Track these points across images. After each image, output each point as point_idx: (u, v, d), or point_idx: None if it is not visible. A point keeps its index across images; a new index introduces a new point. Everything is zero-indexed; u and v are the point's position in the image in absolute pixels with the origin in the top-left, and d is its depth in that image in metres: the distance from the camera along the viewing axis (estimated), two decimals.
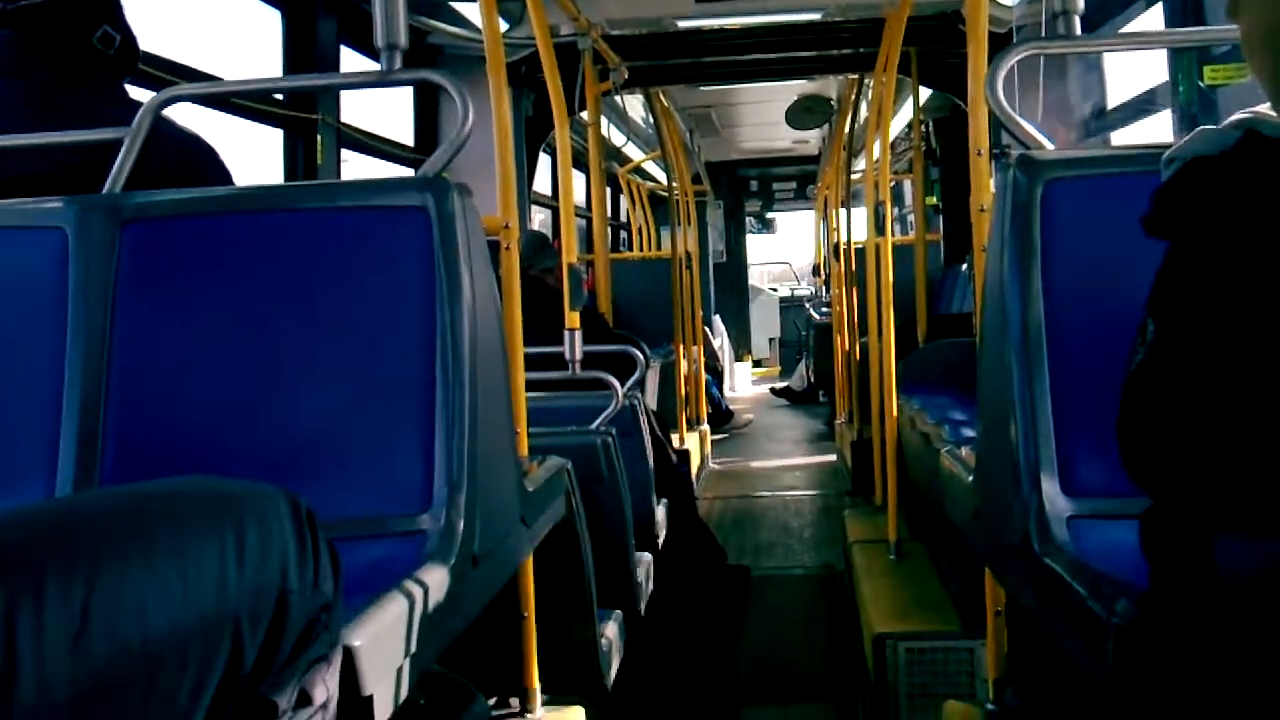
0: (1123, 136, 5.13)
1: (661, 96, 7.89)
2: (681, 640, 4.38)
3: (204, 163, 2.22)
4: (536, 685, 2.44)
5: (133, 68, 2.26)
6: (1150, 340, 1.36)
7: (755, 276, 16.77)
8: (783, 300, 15.95)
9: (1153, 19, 4.49)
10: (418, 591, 1.59)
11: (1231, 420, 1.27)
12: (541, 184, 7.90)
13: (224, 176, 2.22)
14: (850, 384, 7.05)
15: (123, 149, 2.07)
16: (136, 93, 2.30)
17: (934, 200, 8.90)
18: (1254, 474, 1.23)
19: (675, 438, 6.61)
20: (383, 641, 1.44)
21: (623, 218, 12.55)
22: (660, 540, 4.11)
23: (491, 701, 2.30)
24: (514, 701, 2.46)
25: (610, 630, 2.95)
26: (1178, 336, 1.33)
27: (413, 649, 1.54)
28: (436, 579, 1.67)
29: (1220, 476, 1.27)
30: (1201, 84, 3.97)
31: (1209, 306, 1.31)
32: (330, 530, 1.26)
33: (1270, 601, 1.19)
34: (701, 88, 9.01)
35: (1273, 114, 1.38)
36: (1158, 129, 4.68)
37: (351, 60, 4.84)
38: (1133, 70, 5.02)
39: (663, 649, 4.22)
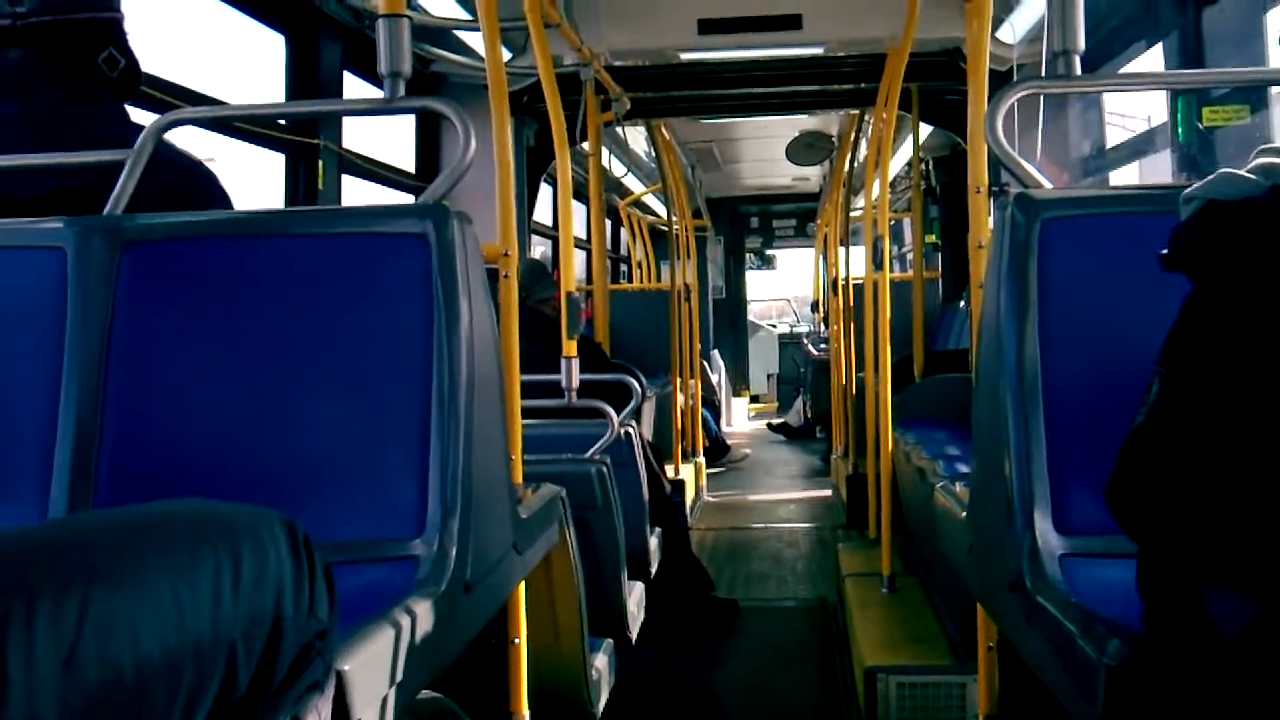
0: (1121, 176, 5.15)
1: (663, 130, 7.92)
2: (671, 669, 4.37)
3: (204, 187, 2.22)
4: (526, 712, 2.43)
5: (135, 90, 2.26)
6: (1153, 401, 1.36)
7: (754, 312, 16.78)
8: (781, 337, 15.98)
9: (1153, 60, 4.52)
10: (409, 617, 1.59)
11: (1239, 485, 1.27)
12: (543, 214, 7.93)
13: (224, 201, 2.23)
14: (847, 418, 7.05)
15: (124, 171, 2.08)
16: (139, 116, 2.31)
17: (933, 238, 8.93)
18: (1257, 541, 1.23)
19: (670, 469, 6.61)
20: (374, 667, 1.44)
21: (623, 251, 12.57)
22: (653, 570, 4.10)
23: None
24: None
25: (601, 658, 2.94)
26: (1189, 392, 1.33)
27: (404, 675, 1.54)
28: (428, 605, 1.67)
29: (1219, 542, 1.27)
30: (1200, 125, 3.99)
31: (1227, 361, 1.30)
32: (324, 554, 1.26)
33: (1263, 654, 1.20)
34: (703, 121, 9.05)
35: None
36: (1157, 169, 4.70)
37: (354, 86, 4.86)
38: (1132, 111, 5.04)
39: (653, 678, 4.20)
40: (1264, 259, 1.31)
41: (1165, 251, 1.42)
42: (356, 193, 4.94)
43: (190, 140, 2.27)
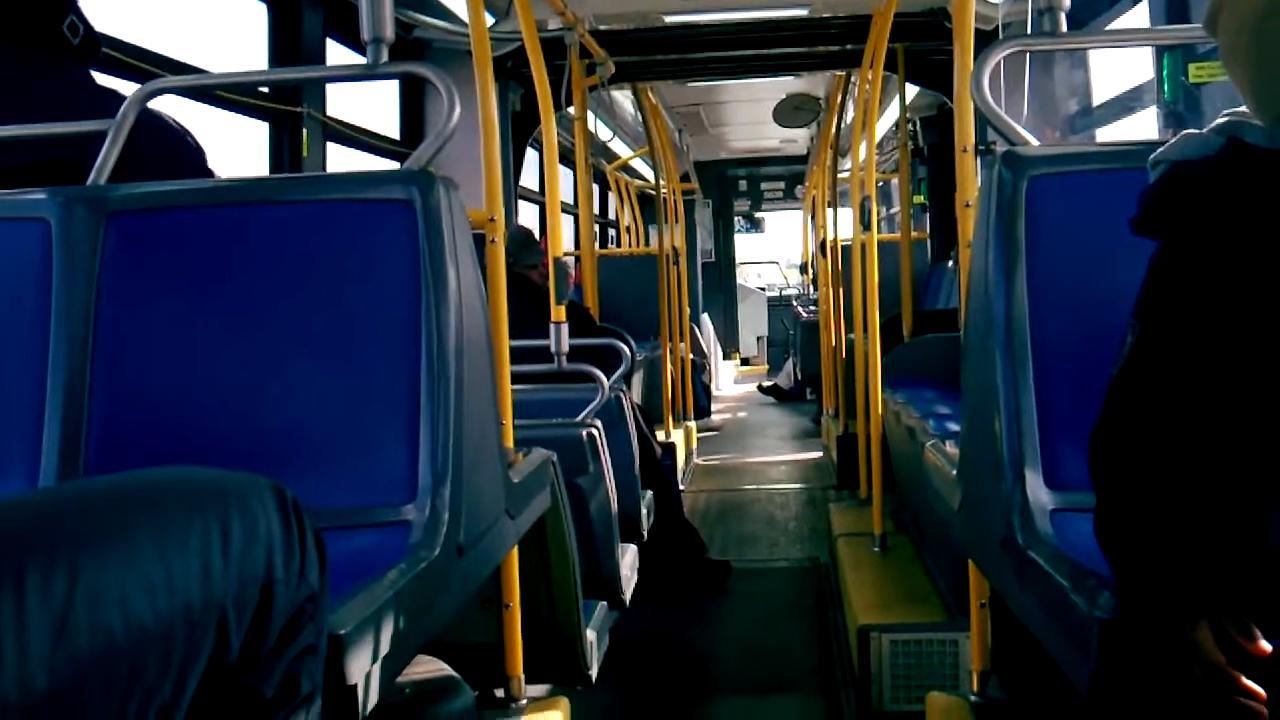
0: (1108, 133, 5.14)
1: (650, 93, 7.88)
2: (665, 631, 4.39)
3: (187, 152, 2.20)
4: (521, 674, 2.44)
5: (96, 56, 2.24)
6: (1126, 353, 1.38)
7: (742, 275, 16.74)
8: (770, 299, 15.96)
9: (1138, 16, 4.50)
10: (403, 582, 1.60)
11: (1204, 435, 1.30)
12: (529, 180, 7.90)
13: (203, 168, 2.21)
14: (837, 379, 7.06)
15: (107, 141, 2.07)
16: (121, 86, 2.29)
17: (921, 198, 8.92)
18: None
19: (660, 432, 6.62)
20: (368, 631, 1.44)
21: (611, 216, 12.54)
22: (645, 533, 4.11)
23: (476, 691, 2.30)
24: (498, 691, 2.46)
25: (595, 621, 2.95)
26: (1158, 342, 1.35)
27: (398, 639, 1.54)
28: (421, 569, 1.67)
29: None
30: (1186, 81, 3.98)
31: (1193, 311, 1.33)
32: (315, 520, 1.26)
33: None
34: (690, 85, 9.01)
35: (1254, 118, 1.39)
36: (1143, 126, 4.70)
37: (337, 53, 4.83)
38: (1118, 67, 5.03)
39: (647, 639, 4.22)
40: (1222, 213, 1.33)
41: (1134, 216, 1.43)
42: (341, 160, 4.93)
43: (173, 110, 2.25)
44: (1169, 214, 1.40)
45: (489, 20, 4.92)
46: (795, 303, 12.93)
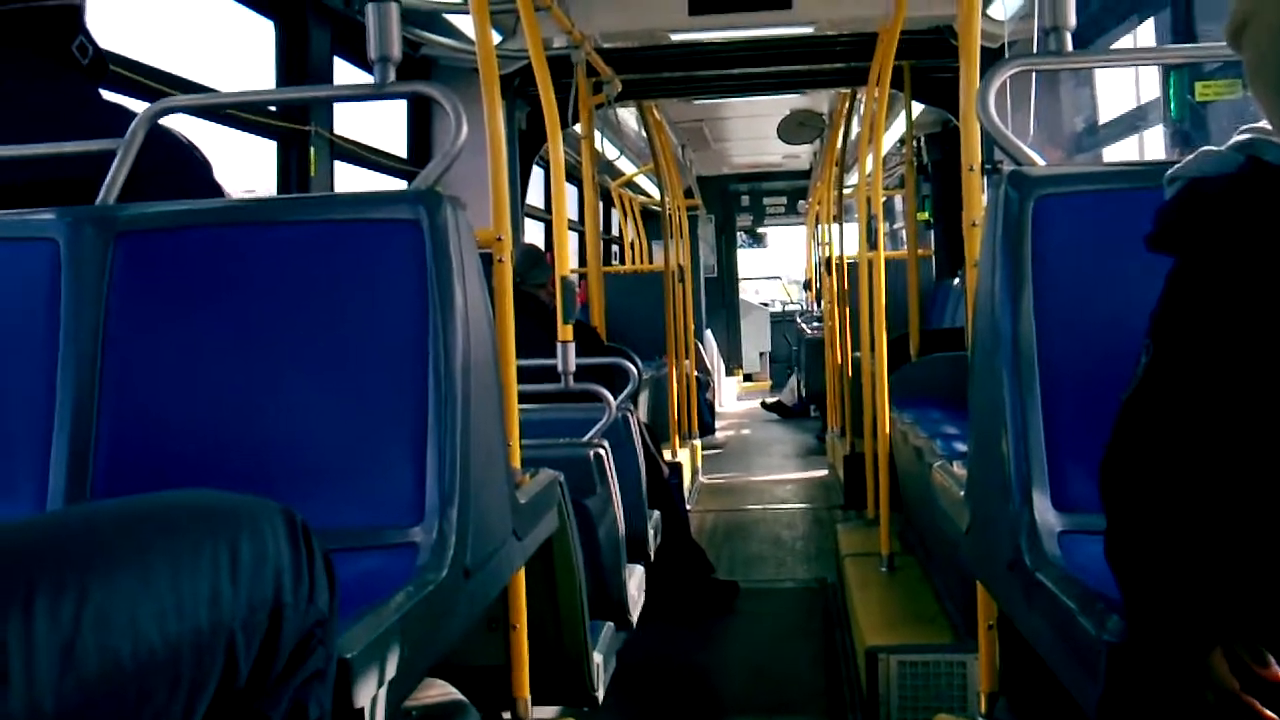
0: (1114, 152, 5.14)
1: (654, 110, 7.90)
2: (673, 652, 4.37)
3: (192, 166, 2.19)
4: (528, 696, 2.44)
5: (104, 75, 2.24)
6: (1140, 374, 1.38)
7: (744, 290, 16.75)
8: (773, 315, 15.96)
9: (1144, 35, 4.51)
10: (410, 604, 1.59)
11: (1220, 456, 1.29)
12: (534, 197, 7.91)
13: (210, 180, 2.20)
14: (842, 398, 7.05)
15: (116, 160, 2.06)
16: (129, 104, 2.29)
17: (925, 215, 8.94)
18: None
19: (667, 451, 6.61)
20: (375, 654, 1.44)
21: (614, 232, 12.57)
22: (652, 553, 4.10)
23: (482, 713, 2.30)
24: (505, 714, 2.45)
25: (602, 642, 2.94)
26: (1174, 362, 1.34)
27: (405, 661, 1.54)
28: (428, 591, 1.67)
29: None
30: (1193, 100, 3.99)
31: (1210, 331, 1.32)
32: (322, 542, 1.26)
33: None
34: (694, 101, 9.03)
35: (1275, 136, 1.39)
36: (1150, 145, 4.70)
37: (345, 72, 4.84)
38: (1124, 86, 5.03)
39: (654, 660, 4.21)
40: (1242, 232, 1.32)
41: (1150, 233, 1.43)
42: (349, 179, 4.93)
43: (181, 129, 2.26)
44: (1186, 230, 1.39)
45: (496, 38, 4.93)
46: (799, 319, 12.94)
